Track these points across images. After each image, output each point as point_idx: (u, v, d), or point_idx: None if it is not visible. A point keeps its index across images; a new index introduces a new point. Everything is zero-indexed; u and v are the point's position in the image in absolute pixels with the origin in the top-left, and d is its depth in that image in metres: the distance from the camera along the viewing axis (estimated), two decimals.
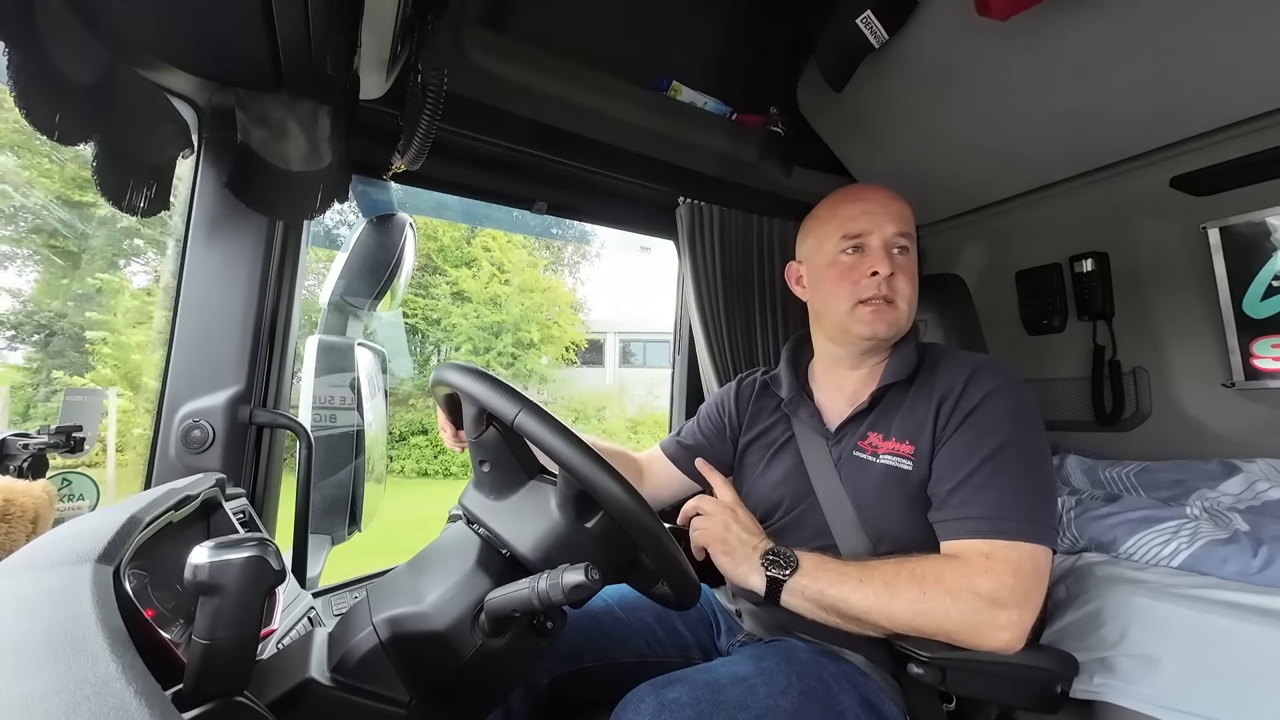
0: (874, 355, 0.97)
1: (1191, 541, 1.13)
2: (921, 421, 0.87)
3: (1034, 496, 0.78)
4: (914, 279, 0.94)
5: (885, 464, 0.88)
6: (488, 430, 0.68)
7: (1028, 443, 0.81)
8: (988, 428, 0.82)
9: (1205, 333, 1.49)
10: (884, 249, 0.92)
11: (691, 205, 1.63)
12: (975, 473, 0.79)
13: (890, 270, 0.90)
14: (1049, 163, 1.60)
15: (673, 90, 1.55)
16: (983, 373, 0.87)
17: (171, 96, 0.88)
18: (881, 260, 0.91)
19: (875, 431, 0.91)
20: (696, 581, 0.64)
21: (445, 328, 11.38)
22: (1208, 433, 1.50)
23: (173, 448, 0.92)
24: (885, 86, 1.52)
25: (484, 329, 11.41)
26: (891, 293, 0.91)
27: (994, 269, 1.95)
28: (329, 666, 0.58)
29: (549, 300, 12.35)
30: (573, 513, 0.63)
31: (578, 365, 12.74)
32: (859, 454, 0.91)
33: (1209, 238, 1.45)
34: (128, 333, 4.15)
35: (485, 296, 11.59)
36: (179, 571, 0.41)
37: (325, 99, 0.88)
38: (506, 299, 11.78)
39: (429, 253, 11.39)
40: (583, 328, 12.89)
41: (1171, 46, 1.17)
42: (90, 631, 0.31)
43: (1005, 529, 0.75)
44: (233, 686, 0.44)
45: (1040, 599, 0.75)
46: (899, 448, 0.87)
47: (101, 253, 4.23)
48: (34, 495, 0.70)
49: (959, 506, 0.79)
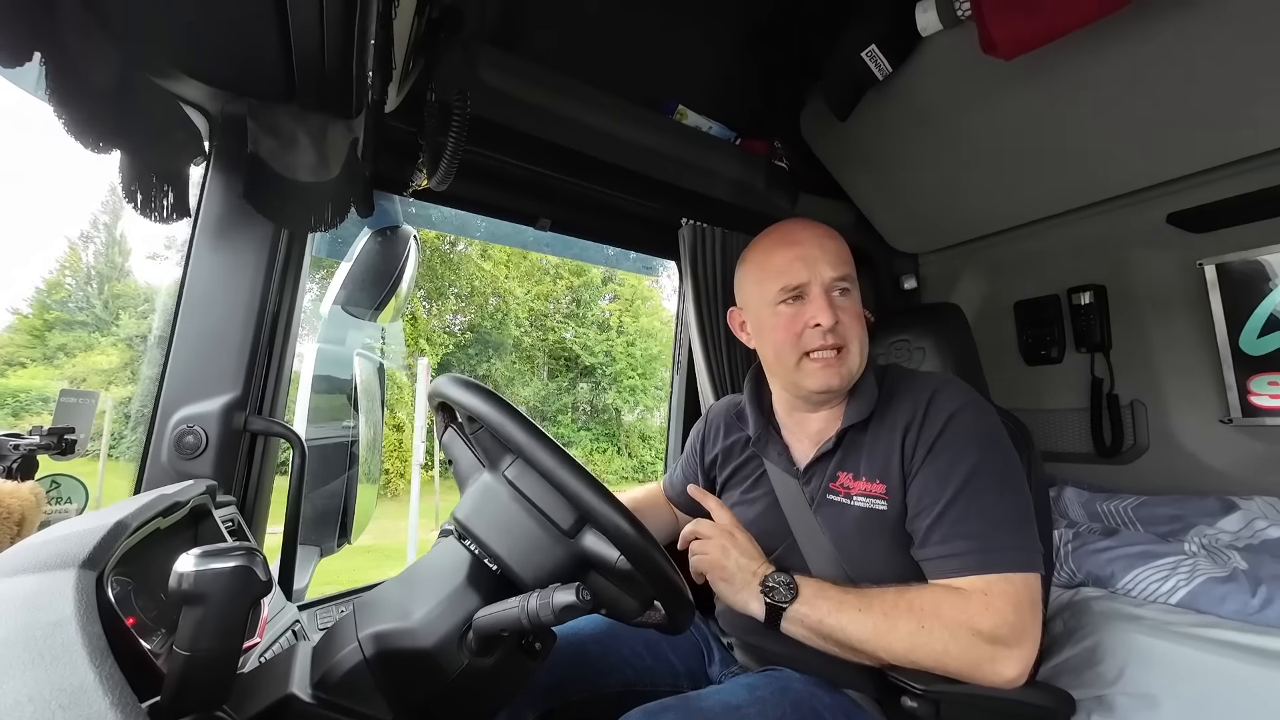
0: (832, 401, 0.94)
1: (1190, 578, 1.12)
2: (888, 456, 0.85)
3: (1015, 520, 0.77)
4: (859, 317, 0.89)
5: (861, 506, 0.86)
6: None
7: (998, 464, 0.80)
8: (956, 454, 0.80)
9: (1202, 368, 1.50)
10: (824, 295, 0.87)
11: (694, 227, 1.65)
12: (951, 504, 0.78)
13: (833, 320, 0.85)
14: (1048, 195, 1.63)
15: (678, 114, 1.58)
16: (941, 395, 0.85)
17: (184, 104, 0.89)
18: (823, 310, 0.85)
19: (844, 471, 0.89)
20: (691, 602, 0.63)
21: (610, 357, 12.79)
22: (1205, 468, 1.50)
23: (165, 453, 0.91)
24: (888, 117, 1.54)
25: (647, 359, 12.65)
26: (839, 339, 0.86)
27: (992, 298, 1.96)
28: (311, 683, 0.56)
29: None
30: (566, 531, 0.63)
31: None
32: (833, 497, 0.89)
33: (1206, 274, 1.46)
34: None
35: (637, 329, 12.89)
36: (164, 579, 0.40)
37: (340, 113, 0.89)
38: (658, 332, 13.12)
39: (573, 285, 13.14)
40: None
41: (1171, 86, 1.20)
42: (70, 638, 0.31)
43: (995, 561, 0.74)
44: (212, 700, 0.43)
45: (1039, 629, 0.74)
46: (871, 488, 0.86)
47: None
48: (21, 497, 0.69)
49: (942, 543, 0.78)
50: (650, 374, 13.10)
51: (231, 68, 0.82)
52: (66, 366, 10.87)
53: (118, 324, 11.61)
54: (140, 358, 10.89)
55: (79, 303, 11.85)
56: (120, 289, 12.08)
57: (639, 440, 13.36)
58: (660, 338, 13.40)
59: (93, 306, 11.87)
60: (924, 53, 1.36)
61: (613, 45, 1.46)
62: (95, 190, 15.50)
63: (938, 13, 1.26)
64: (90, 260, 12.21)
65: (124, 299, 11.93)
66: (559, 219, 1.53)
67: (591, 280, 13.38)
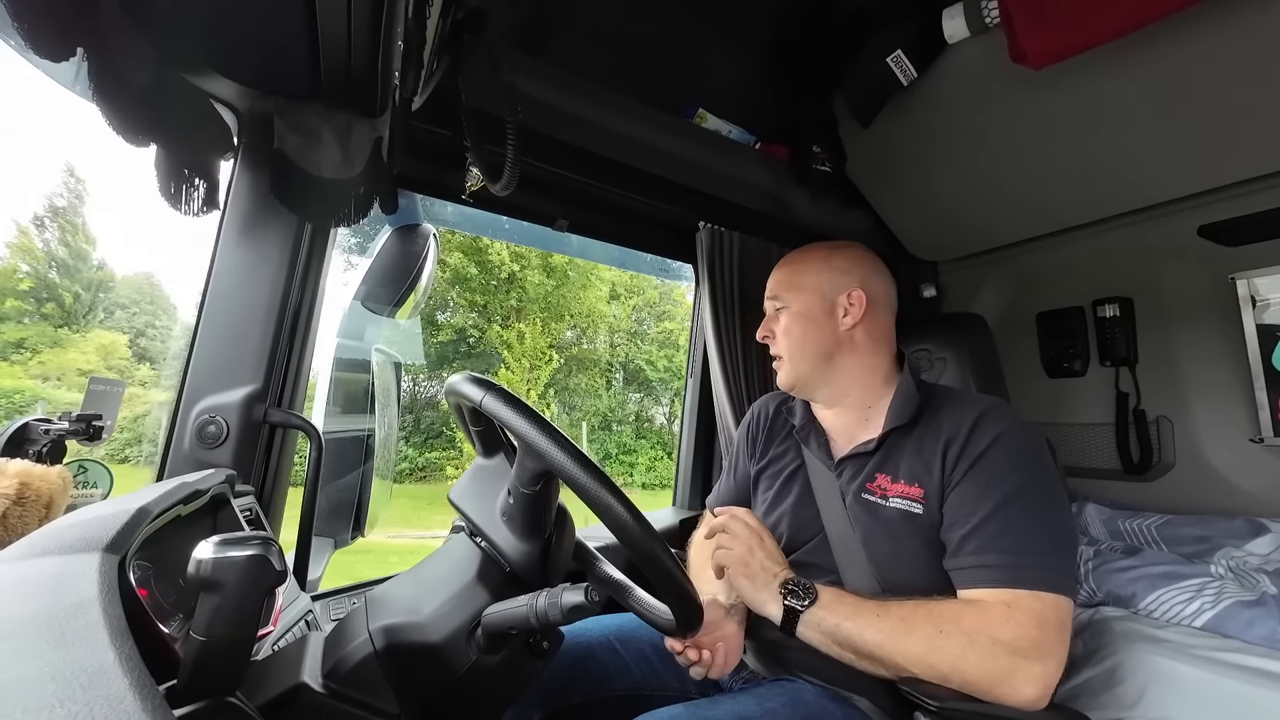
0: (818, 400, 1.03)
1: (1216, 602, 1.09)
2: (929, 463, 0.85)
3: (1053, 543, 0.76)
4: (790, 332, 1.01)
5: (896, 507, 0.86)
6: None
7: (1043, 488, 0.79)
8: (999, 473, 0.80)
9: (1232, 385, 1.46)
10: (768, 315, 1.05)
11: (712, 230, 1.64)
12: (989, 518, 0.77)
13: (763, 334, 1.04)
14: (1074, 205, 1.60)
15: (698, 117, 1.58)
16: (989, 416, 0.85)
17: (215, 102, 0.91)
18: (761, 328, 1.05)
19: (883, 473, 0.89)
20: (699, 604, 0.63)
21: (671, 372, 13.50)
22: (1233, 488, 1.45)
23: (187, 441, 0.93)
24: (911, 123, 1.53)
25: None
26: (775, 350, 1.03)
27: (1014, 309, 1.93)
28: (322, 672, 0.57)
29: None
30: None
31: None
32: (868, 496, 0.89)
33: (1238, 289, 1.42)
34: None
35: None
36: (182, 565, 0.41)
37: (365, 111, 0.91)
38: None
39: (637, 306, 14.15)
40: None
41: (1204, 97, 1.17)
42: (92, 620, 0.31)
43: (1026, 577, 0.73)
44: (226, 686, 0.43)
45: (1064, 653, 0.72)
46: (908, 490, 0.86)
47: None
48: (50, 480, 0.71)
49: (975, 554, 0.77)
50: None
51: (260, 66, 0.84)
52: (33, 364, 9.65)
53: (91, 317, 10.79)
54: (140, 360, 10.32)
55: (40, 293, 10.53)
56: (96, 278, 11.22)
57: None
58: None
59: (60, 298, 10.53)
60: (950, 59, 1.34)
61: (634, 50, 1.46)
62: (50, 172, 13.85)
63: (965, 19, 1.24)
64: (53, 247, 10.74)
65: (103, 290, 11.23)
66: (576, 220, 1.54)
67: (650, 299, 14.31)
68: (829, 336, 0.97)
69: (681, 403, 1.90)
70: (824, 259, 1.01)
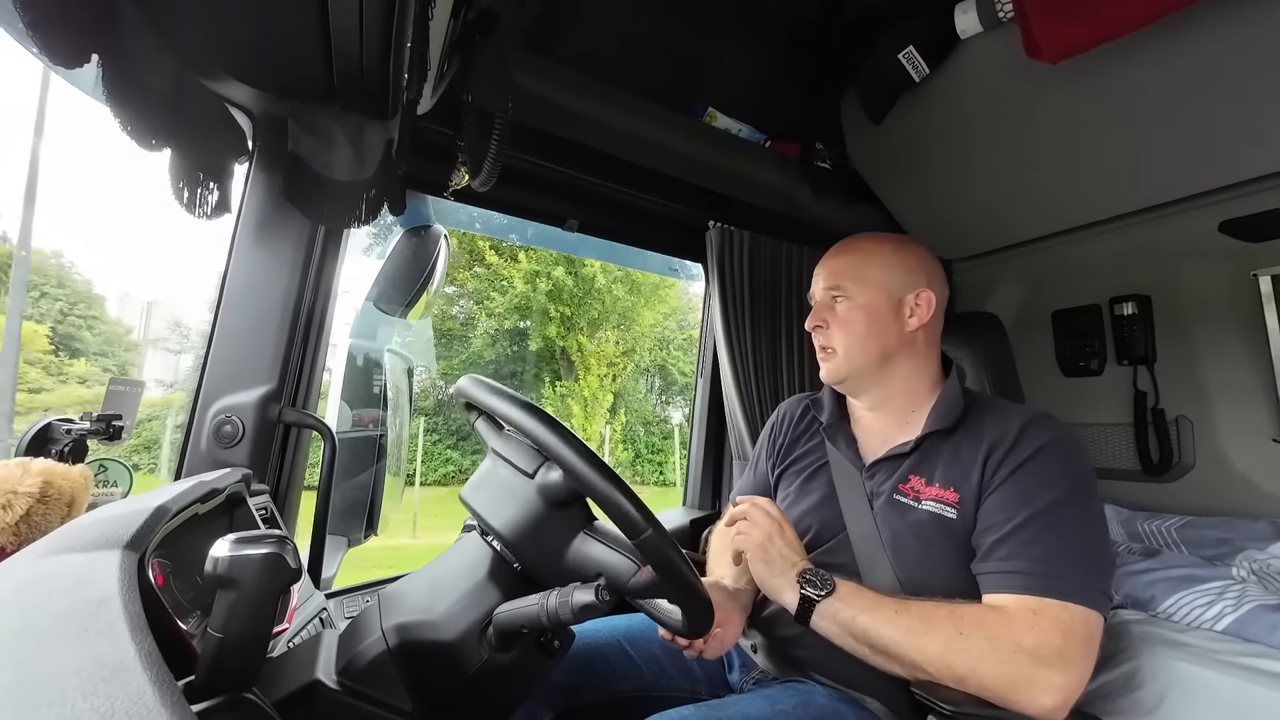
0: (860, 395, 0.99)
1: (1238, 605, 1.07)
2: (967, 469, 0.83)
3: (1089, 557, 0.74)
4: (850, 325, 0.95)
5: (929, 510, 0.84)
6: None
7: (1083, 504, 0.77)
8: (1041, 482, 0.78)
9: (1254, 384, 1.43)
10: (820, 302, 1.00)
11: (722, 229, 1.64)
12: (1025, 525, 0.75)
13: (815, 323, 0.98)
14: (1090, 202, 1.57)
15: (708, 116, 1.58)
16: (1036, 426, 0.83)
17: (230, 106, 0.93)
18: (813, 315, 0.99)
19: (918, 476, 0.88)
20: (709, 603, 0.63)
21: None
22: (1255, 490, 1.42)
23: (204, 441, 0.94)
24: (923, 120, 1.51)
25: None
26: (824, 340, 0.98)
27: (1029, 307, 1.90)
28: (336, 669, 0.58)
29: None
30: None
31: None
32: (900, 498, 0.88)
33: (1260, 285, 1.39)
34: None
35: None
36: (200, 563, 0.41)
37: (377, 114, 0.91)
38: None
39: (666, 314, 14.40)
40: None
41: (1225, 90, 1.14)
42: (113, 616, 0.32)
43: (1057, 587, 0.71)
44: (242, 682, 0.44)
45: (1088, 668, 0.70)
46: (943, 494, 0.84)
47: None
48: (72, 479, 0.72)
49: (1006, 559, 0.75)
50: None
51: (274, 70, 0.85)
52: None
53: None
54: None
55: None
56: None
57: None
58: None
59: None
60: (962, 55, 1.33)
61: (643, 49, 1.46)
62: None
63: (978, 14, 1.23)
64: None
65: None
66: (586, 220, 1.54)
67: (675, 308, 14.69)
68: (892, 336, 0.93)
69: (692, 403, 1.90)
70: (893, 252, 0.96)
